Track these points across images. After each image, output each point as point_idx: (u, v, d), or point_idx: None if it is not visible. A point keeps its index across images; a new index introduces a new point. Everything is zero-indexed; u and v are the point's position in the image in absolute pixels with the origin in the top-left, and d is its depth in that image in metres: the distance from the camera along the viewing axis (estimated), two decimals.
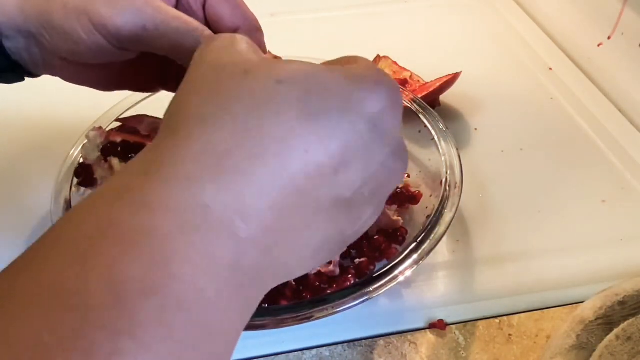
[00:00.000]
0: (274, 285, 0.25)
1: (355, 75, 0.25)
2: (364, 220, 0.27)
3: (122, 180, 0.22)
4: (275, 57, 0.38)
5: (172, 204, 0.20)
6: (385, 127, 0.25)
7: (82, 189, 0.45)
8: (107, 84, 0.40)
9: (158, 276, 0.19)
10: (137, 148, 0.43)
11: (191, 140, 0.22)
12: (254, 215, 0.22)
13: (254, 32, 0.38)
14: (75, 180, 0.45)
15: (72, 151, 0.47)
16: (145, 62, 0.38)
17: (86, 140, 0.45)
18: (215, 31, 0.37)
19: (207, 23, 0.38)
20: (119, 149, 0.44)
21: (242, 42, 0.27)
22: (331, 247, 0.26)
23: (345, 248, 0.28)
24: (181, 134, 0.23)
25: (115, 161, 0.43)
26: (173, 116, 0.24)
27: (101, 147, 0.44)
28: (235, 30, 0.37)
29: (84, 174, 0.45)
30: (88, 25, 0.33)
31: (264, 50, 0.39)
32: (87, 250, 0.19)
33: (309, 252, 0.25)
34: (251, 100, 0.23)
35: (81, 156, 0.46)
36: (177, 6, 0.37)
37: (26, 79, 0.40)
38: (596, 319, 0.38)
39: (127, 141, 0.44)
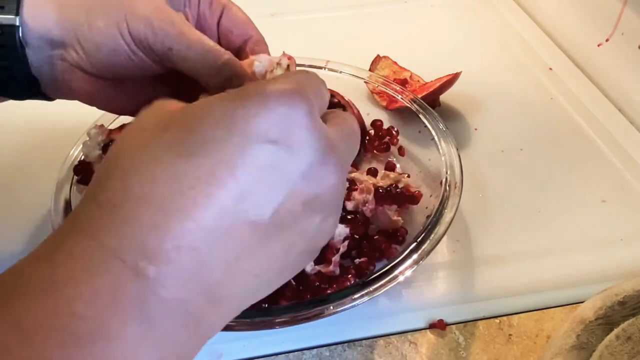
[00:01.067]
0: (223, 323, 0.26)
1: (243, 96, 0.25)
2: (313, 233, 0.27)
3: (46, 241, 0.24)
4: (290, 58, 0.39)
5: (74, 257, 0.22)
6: (287, 138, 0.25)
7: (82, 186, 0.45)
8: (120, 105, 0.41)
9: (61, 315, 0.20)
10: None
11: (89, 202, 0.24)
12: (160, 256, 0.22)
13: (261, 44, 0.41)
14: (75, 179, 0.45)
15: (72, 151, 0.47)
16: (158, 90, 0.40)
17: (87, 138, 0.45)
18: (227, 43, 0.40)
19: (220, 36, 0.41)
20: None
21: (166, 103, 0.28)
22: (280, 270, 0.27)
23: (313, 258, 0.29)
24: (87, 197, 0.25)
25: None
26: (92, 181, 0.26)
27: (102, 145, 0.44)
28: (244, 42, 0.40)
29: (84, 172, 0.45)
30: (128, 36, 0.35)
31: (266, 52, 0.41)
32: (1, 303, 0.21)
33: (252, 276, 0.26)
34: (136, 155, 0.24)
35: (82, 154, 0.46)
36: (197, 20, 0.41)
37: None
38: (596, 319, 0.38)
39: None
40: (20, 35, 0.35)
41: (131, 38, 0.35)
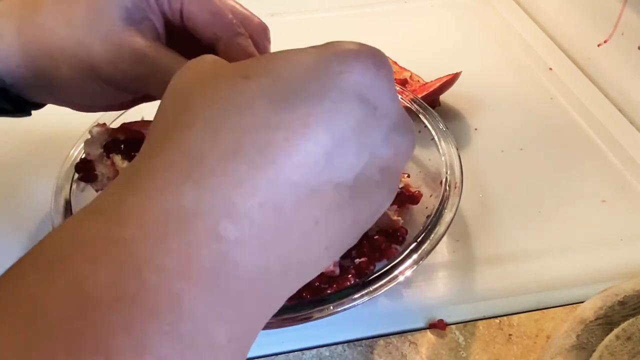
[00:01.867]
0: (288, 292, 0.23)
1: (330, 50, 0.24)
2: (379, 204, 0.25)
3: (100, 198, 0.21)
4: None
5: (146, 213, 0.19)
6: (376, 98, 0.24)
7: (82, 184, 0.45)
8: (119, 107, 0.41)
9: (127, 285, 0.18)
10: (140, 145, 0.43)
11: (165, 149, 0.21)
12: (244, 214, 0.20)
13: (235, 37, 0.36)
14: (76, 177, 0.45)
15: (72, 151, 0.47)
16: None
17: (89, 136, 0.45)
18: (199, 39, 0.36)
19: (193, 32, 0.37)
20: (122, 146, 0.43)
21: (210, 57, 0.26)
22: (347, 238, 0.25)
23: (361, 235, 0.26)
24: (156, 146, 0.22)
25: (117, 158, 0.43)
26: (150, 132, 0.23)
27: (104, 143, 0.44)
28: (216, 39, 0.36)
29: (85, 169, 0.45)
30: (96, 78, 0.34)
31: (266, 49, 0.39)
32: (53, 263, 0.18)
33: (323, 247, 0.23)
34: (221, 100, 0.22)
35: (82, 153, 0.46)
36: (165, 24, 0.37)
37: None
38: (596, 319, 0.38)
39: (131, 138, 0.43)
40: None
41: (101, 80, 0.35)
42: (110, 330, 0.17)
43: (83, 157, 0.46)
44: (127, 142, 0.43)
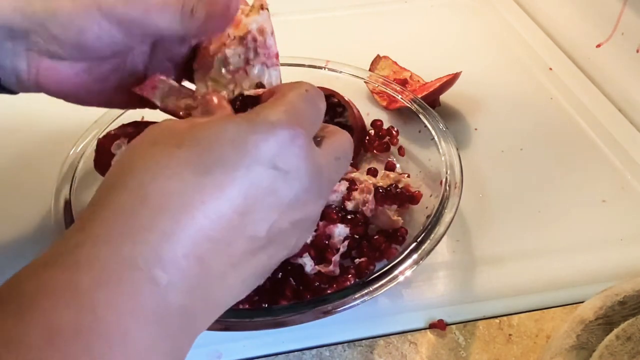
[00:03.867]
0: (210, 321, 0.28)
1: (256, 121, 0.28)
2: (294, 243, 0.31)
3: (56, 247, 0.25)
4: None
5: (96, 262, 0.23)
6: (287, 164, 0.28)
7: (82, 184, 0.45)
8: (87, 96, 0.39)
9: (86, 320, 0.22)
10: None
11: (105, 207, 0.26)
12: (171, 264, 0.24)
13: None
14: (76, 181, 0.45)
15: (72, 151, 0.47)
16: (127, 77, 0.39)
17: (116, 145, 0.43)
18: None
19: None
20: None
21: (165, 123, 0.30)
22: (264, 271, 0.30)
23: (279, 263, 0.31)
24: (99, 203, 0.26)
25: None
26: (99, 187, 0.27)
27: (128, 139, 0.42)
28: None
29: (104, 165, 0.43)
30: (96, 14, 0.34)
31: None
32: (24, 305, 0.22)
33: (239, 282, 0.28)
34: (154, 166, 0.26)
35: (84, 156, 0.46)
36: None
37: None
38: (596, 319, 0.38)
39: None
40: None
41: (100, 13, 0.34)
42: (73, 354, 0.21)
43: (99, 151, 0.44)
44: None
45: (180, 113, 0.40)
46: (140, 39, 0.37)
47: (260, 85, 0.40)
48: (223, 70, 0.38)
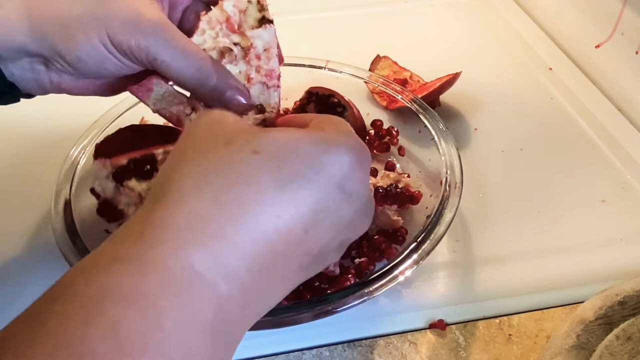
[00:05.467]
0: (243, 335, 0.27)
1: (325, 141, 0.29)
2: (328, 263, 0.31)
3: (116, 246, 0.24)
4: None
5: (162, 268, 0.23)
6: (352, 187, 0.29)
7: (82, 185, 0.45)
8: (112, 91, 0.41)
9: (152, 329, 0.21)
10: (148, 160, 0.41)
11: (177, 210, 0.25)
12: (234, 276, 0.24)
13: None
14: (76, 181, 0.45)
15: (72, 151, 0.47)
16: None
17: (95, 180, 0.43)
18: None
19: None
20: (132, 168, 0.42)
21: (229, 116, 0.30)
22: (297, 284, 0.30)
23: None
24: (169, 205, 0.25)
25: (133, 182, 0.41)
26: (162, 185, 0.26)
27: (111, 174, 0.42)
28: None
29: (108, 211, 0.43)
30: (111, 47, 0.35)
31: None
32: (90, 310, 0.21)
33: (281, 294, 0.28)
34: (229, 170, 0.26)
35: (83, 159, 0.46)
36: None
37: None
38: (596, 319, 0.38)
39: (134, 158, 0.42)
40: None
41: (114, 48, 0.35)
42: None
43: (102, 200, 0.43)
44: (134, 163, 0.42)
45: (174, 120, 0.39)
46: None
47: (260, 108, 0.40)
48: None
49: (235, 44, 0.39)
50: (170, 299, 0.22)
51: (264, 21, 0.39)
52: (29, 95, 0.39)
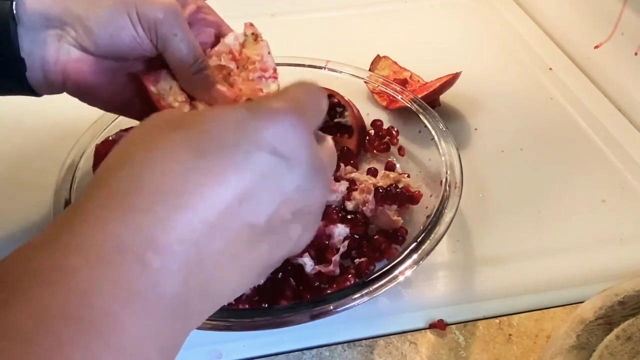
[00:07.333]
0: (207, 313, 0.26)
1: (255, 107, 0.28)
2: (295, 240, 0.29)
3: (47, 230, 0.24)
4: (251, 25, 0.42)
5: (85, 244, 0.23)
6: (289, 151, 0.27)
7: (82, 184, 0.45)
8: (105, 95, 0.41)
9: (74, 305, 0.21)
10: None
11: (98, 188, 0.25)
12: (164, 248, 0.23)
13: (224, 28, 0.43)
14: (76, 181, 0.45)
15: (71, 152, 0.47)
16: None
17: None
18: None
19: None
20: None
21: (169, 112, 0.29)
22: (261, 271, 0.29)
23: (282, 260, 0.30)
24: (94, 184, 0.25)
25: None
26: (97, 170, 0.27)
27: None
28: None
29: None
30: (135, 17, 0.37)
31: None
32: (15, 290, 0.21)
33: (238, 276, 0.27)
34: (150, 148, 0.25)
35: (82, 159, 0.46)
36: None
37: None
38: (596, 319, 0.38)
39: None
40: (15, 11, 0.35)
41: (138, 19, 0.37)
42: (67, 344, 0.20)
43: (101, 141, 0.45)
44: None
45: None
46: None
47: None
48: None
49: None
50: (95, 274, 0.22)
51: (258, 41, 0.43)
52: (30, 93, 0.39)
